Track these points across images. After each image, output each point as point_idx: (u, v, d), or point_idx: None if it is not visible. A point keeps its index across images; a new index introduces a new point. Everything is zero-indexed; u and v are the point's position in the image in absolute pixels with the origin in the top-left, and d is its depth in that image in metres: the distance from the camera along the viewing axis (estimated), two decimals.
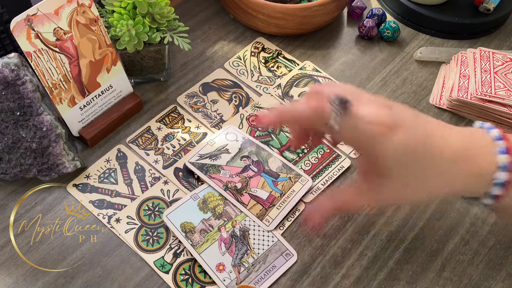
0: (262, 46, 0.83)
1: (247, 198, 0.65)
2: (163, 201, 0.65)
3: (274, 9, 0.78)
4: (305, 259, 0.62)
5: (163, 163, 0.69)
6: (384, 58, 0.83)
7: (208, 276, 0.60)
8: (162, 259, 0.61)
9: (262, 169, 0.68)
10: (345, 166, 0.70)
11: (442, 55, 0.83)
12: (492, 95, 0.71)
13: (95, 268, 0.60)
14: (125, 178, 0.67)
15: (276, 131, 0.73)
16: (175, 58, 0.81)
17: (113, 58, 0.68)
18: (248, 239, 0.62)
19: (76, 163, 0.65)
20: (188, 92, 0.77)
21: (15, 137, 0.62)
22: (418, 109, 0.77)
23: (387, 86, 0.79)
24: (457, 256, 0.63)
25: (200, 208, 0.64)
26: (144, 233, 0.63)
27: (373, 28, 0.83)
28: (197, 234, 0.62)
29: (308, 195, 0.67)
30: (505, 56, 0.77)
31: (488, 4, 0.85)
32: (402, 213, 0.67)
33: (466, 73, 0.76)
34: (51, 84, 0.63)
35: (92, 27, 0.65)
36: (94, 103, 0.69)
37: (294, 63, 0.81)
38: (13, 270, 0.59)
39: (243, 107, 0.75)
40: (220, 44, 0.83)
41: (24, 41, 0.59)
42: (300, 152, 0.71)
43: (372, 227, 0.65)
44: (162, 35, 0.68)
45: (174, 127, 0.73)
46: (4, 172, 0.64)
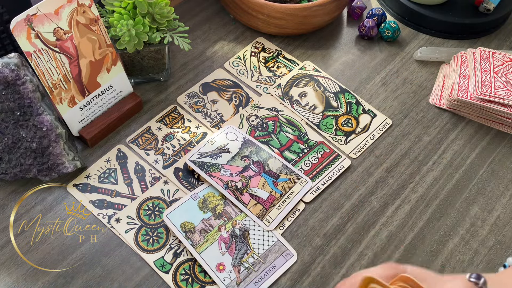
0: (262, 46, 0.83)
1: (247, 198, 0.65)
2: (163, 201, 0.65)
3: (274, 9, 0.78)
4: (305, 259, 0.62)
5: (163, 163, 0.69)
6: (384, 58, 0.83)
7: (208, 276, 0.60)
8: (162, 259, 0.61)
9: (262, 169, 0.68)
10: (345, 166, 0.70)
11: (442, 55, 0.83)
12: (492, 95, 0.71)
13: (95, 268, 0.60)
14: (125, 178, 0.67)
15: (276, 131, 0.73)
16: (175, 58, 0.81)
17: (113, 58, 0.68)
18: (248, 239, 0.62)
19: (76, 163, 0.65)
20: (188, 92, 0.77)
21: (15, 137, 0.62)
22: (418, 109, 0.77)
23: (387, 86, 0.80)
24: (457, 256, 0.63)
25: (200, 208, 0.64)
26: (144, 233, 0.63)
27: (373, 28, 0.83)
28: (197, 234, 0.62)
29: (307, 195, 0.67)
30: (505, 56, 0.77)
31: (488, 4, 0.85)
32: (402, 213, 0.67)
33: (466, 73, 0.76)
34: (51, 84, 0.63)
35: (92, 27, 0.65)
36: (94, 103, 0.69)
37: (294, 63, 0.81)
38: (13, 270, 0.59)
39: (243, 107, 0.75)
40: (220, 44, 0.83)
41: (24, 41, 0.59)
42: (300, 152, 0.71)
43: (372, 227, 0.65)
44: (162, 35, 0.68)
45: (174, 127, 0.73)
46: (4, 172, 0.64)
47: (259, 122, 0.74)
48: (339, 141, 0.73)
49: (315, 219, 0.66)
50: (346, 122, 0.75)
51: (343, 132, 0.74)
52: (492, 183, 0.70)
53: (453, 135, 0.75)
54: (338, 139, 0.73)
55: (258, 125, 0.73)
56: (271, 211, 0.65)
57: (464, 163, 0.72)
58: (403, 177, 0.70)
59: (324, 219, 0.66)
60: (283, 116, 0.75)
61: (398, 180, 0.70)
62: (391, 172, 0.70)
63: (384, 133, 0.74)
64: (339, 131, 0.74)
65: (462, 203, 0.68)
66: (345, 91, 0.78)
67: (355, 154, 0.72)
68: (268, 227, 0.63)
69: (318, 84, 0.78)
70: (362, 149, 0.72)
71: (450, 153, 0.73)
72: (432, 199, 0.68)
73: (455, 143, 0.74)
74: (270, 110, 0.75)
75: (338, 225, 0.65)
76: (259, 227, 0.63)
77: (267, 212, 0.65)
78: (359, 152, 0.72)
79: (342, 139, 0.73)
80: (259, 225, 0.64)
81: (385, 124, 0.75)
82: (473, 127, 0.76)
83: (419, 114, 0.77)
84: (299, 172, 0.69)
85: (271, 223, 0.64)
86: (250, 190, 0.66)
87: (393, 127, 0.75)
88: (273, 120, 0.74)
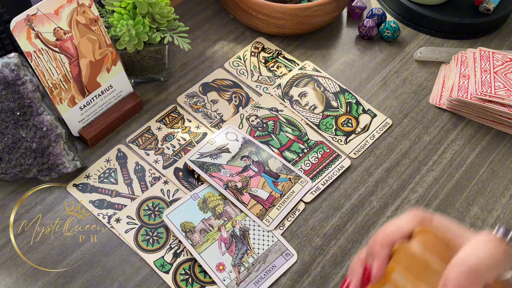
0: (262, 46, 0.83)
1: (247, 198, 0.65)
2: (163, 201, 0.65)
3: (274, 9, 0.78)
4: (305, 259, 0.62)
5: (163, 163, 0.69)
6: (384, 58, 0.83)
7: (208, 276, 0.60)
8: (162, 259, 0.61)
9: (262, 169, 0.68)
10: (345, 166, 0.70)
11: (442, 55, 0.83)
12: (492, 95, 0.71)
13: (95, 268, 0.60)
14: (125, 178, 0.67)
15: (276, 131, 0.73)
16: (175, 58, 0.81)
17: (113, 58, 0.68)
18: (248, 239, 0.62)
19: (76, 163, 0.65)
20: (188, 92, 0.77)
21: (15, 137, 0.62)
22: (418, 109, 0.77)
23: (387, 86, 0.79)
24: None
25: (200, 207, 0.64)
26: (144, 233, 0.63)
27: (373, 28, 0.83)
28: (197, 234, 0.62)
29: (307, 195, 0.67)
30: (505, 56, 0.77)
31: (488, 4, 0.85)
32: (402, 213, 0.67)
33: (466, 73, 0.76)
34: (51, 84, 0.63)
35: (92, 27, 0.65)
36: (94, 103, 0.69)
37: (294, 63, 0.81)
38: (13, 270, 0.59)
39: (243, 107, 0.75)
40: (220, 44, 0.83)
41: (24, 41, 0.59)
42: (300, 152, 0.71)
43: (372, 227, 0.65)
44: (162, 35, 0.68)
45: (174, 127, 0.73)
46: (4, 172, 0.64)
47: (259, 122, 0.74)
48: (339, 141, 0.73)
49: (315, 219, 0.66)
50: (346, 122, 0.75)
51: (343, 132, 0.74)
52: (492, 183, 0.70)
53: (453, 135, 0.75)
54: (338, 139, 0.73)
55: (258, 125, 0.73)
56: (271, 211, 0.65)
57: (464, 163, 0.72)
58: (403, 177, 0.70)
59: (324, 219, 0.66)
60: (283, 116, 0.75)
61: (398, 180, 0.70)
62: (391, 172, 0.70)
63: (384, 133, 0.74)
64: (339, 131, 0.74)
65: (462, 203, 0.68)
66: (345, 91, 0.78)
67: (355, 154, 0.72)
68: (268, 227, 0.63)
69: (318, 84, 0.78)
70: (362, 149, 0.72)
71: (450, 153, 0.73)
72: (432, 199, 0.68)
73: (455, 143, 0.74)
74: (270, 110, 0.75)
75: (338, 225, 0.65)
76: (259, 227, 0.63)
77: (267, 212, 0.65)
78: (359, 152, 0.72)
79: (342, 139, 0.73)
80: (259, 225, 0.64)
81: (385, 124, 0.75)
82: (473, 127, 0.76)
83: (419, 114, 0.77)
84: (299, 172, 0.69)
85: (271, 223, 0.64)
86: (250, 190, 0.66)
87: (393, 127, 0.75)
88: (273, 120, 0.74)
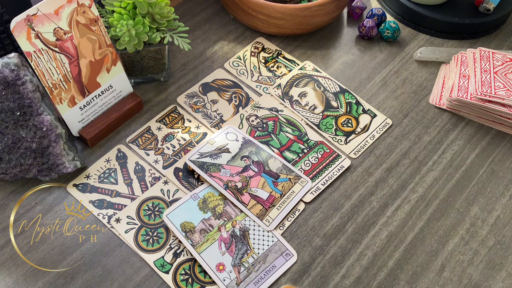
0: (262, 46, 0.83)
1: (247, 198, 0.65)
2: (163, 201, 0.65)
3: (274, 9, 0.78)
4: (305, 259, 0.62)
5: (163, 163, 0.69)
6: (384, 58, 0.83)
7: (208, 276, 0.60)
8: (162, 259, 0.61)
9: (262, 169, 0.68)
10: (345, 166, 0.70)
11: (442, 55, 0.83)
12: (492, 95, 0.71)
13: (95, 268, 0.60)
14: (125, 178, 0.67)
15: (276, 131, 0.73)
16: (175, 58, 0.81)
17: (113, 58, 0.68)
18: (248, 239, 0.62)
19: (76, 163, 0.65)
20: (188, 92, 0.77)
21: (15, 137, 0.62)
22: (418, 109, 0.77)
23: (387, 86, 0.80)
24: (457, 256, 0.63)
25: (200, 208, 0.64)
26: (144, 233, 0.63)
27: (373, 28, 0.83)
28: (197, 234, 0.62)
29: (307, 195, 0.67)
30: (505, 56, 0.77)
31: (488, 4, 0.85)
32: (402, 213, 0.67)
33: (466, 73, 0.76)
34: (51, 84, 0.63)
35: (92, 27, 0.65)
36: (94, 103, 0.69)
37: (294, 63, 0.81)
38: (13, 270, 0.59)
39: (243, 107, 0.75)
40: (220, 44, 0.83)
41: (24, 41, 0.59)
42: (300, 152, 0.71)
43: (372, 227, 0.65)
44: (162, 35, 0.68)
45: (174, 127, 0.73)
46: (4, 172, 0.64)
47: (259, 122, 0.74)
48: (339, 141, 0.73)
49: (315, 219, 0.66)
50: (346, 122, 0.75)
51: (343, 132, 0.74)
52: (492, 183, 0.70)
53: (453, 135, 0.75)
54: (338, 139, 0.73)
55: (258, 125, 0.73)
56: (271, 211, 0.65)
57: (464, 163, 0.72)
58: (403, 177, 0.70)
59: (324, 219, 0.66)
60: (283, 116, 0.75)
61: (398, 180, 0.70)
62: (391, 172, 0.70)
63: (384, 133, 0.74)
64: (339, 131, 0.74)
65: (462, 203, 0.68)
66: (345, 91, 0.78)
67: (355, 154, 0.72)
68: (268, 227, 0.63)
69: (318, 84, 0.78)
70: (362, 149, 0.72)
71: (450, 153, 0.73)
72: (432, 199, 0.68)
73: (455, 143, 0.74)
74: (270, 110, 0.75)
75: (338, 225, 0.65)
76: (259, 227, 0.64)
77: (267, 212, 0.65)
78: (359, 152, 0.72)
79: (342, 139, 0.73)
80: (259, 225, 0.64)
81: (385, 124, 0.75)
82: (473, 127, 0.76)
83: (419, 114, 0.77)
84: (299, 172, 0.69)
85: (271, 223, 0.64)
86: (250, 190, 0.66)
87: (393, 127, 0.75)
88: (273, 120, 0.74)
